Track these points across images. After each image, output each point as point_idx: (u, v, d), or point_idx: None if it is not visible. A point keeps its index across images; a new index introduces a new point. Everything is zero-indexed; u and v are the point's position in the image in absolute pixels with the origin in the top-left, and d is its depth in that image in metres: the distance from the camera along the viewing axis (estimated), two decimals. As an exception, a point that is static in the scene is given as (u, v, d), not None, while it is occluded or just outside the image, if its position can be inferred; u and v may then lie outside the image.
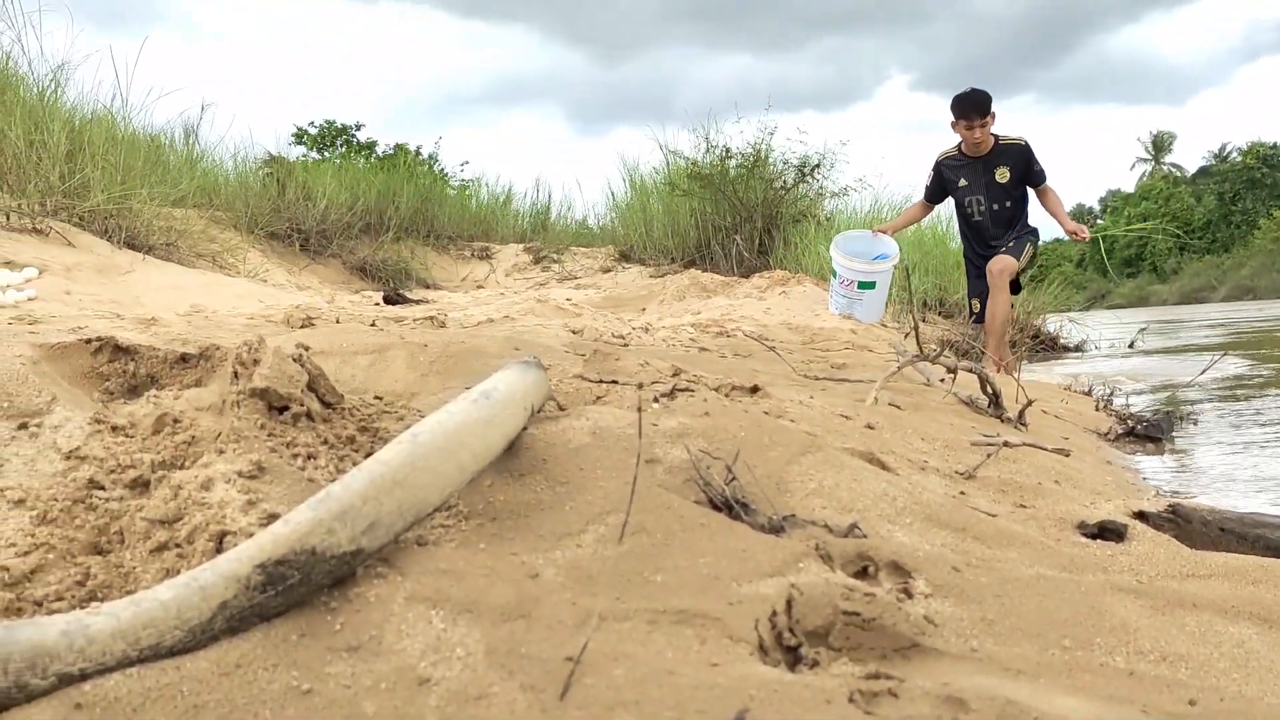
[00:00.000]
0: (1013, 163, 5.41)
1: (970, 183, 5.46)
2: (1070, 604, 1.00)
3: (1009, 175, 5.40)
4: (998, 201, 5.45)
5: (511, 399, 1.19)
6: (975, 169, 5.44)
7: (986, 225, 5.48)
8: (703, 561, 0.99)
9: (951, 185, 5.55)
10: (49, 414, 1.15)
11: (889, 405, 2.08)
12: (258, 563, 0.88)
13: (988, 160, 5.41)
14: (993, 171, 5.41)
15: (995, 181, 5.41)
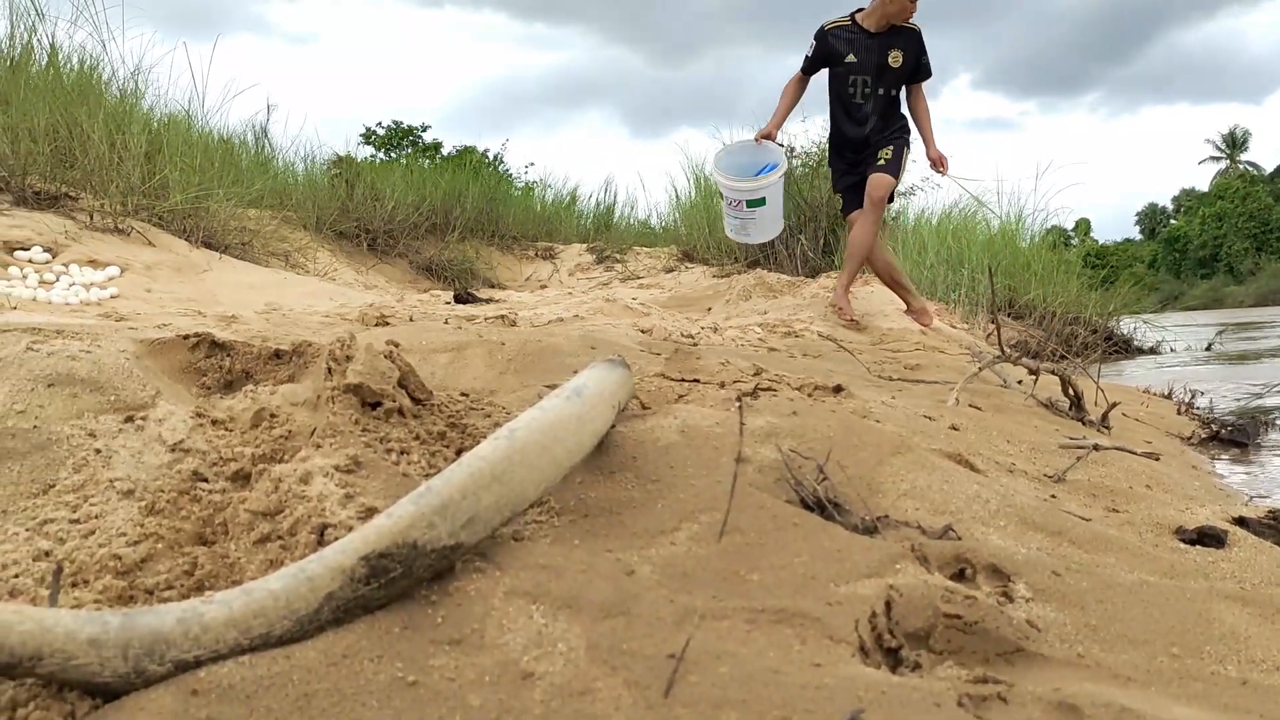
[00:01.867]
0: (907, 47, 4.98)
1: (860, 60, 4.98)
2: (1175, 611, 0.98)
3: (901, 60, 4.97)
4: (884, 86, 5.01)
5: (601, 396, 1.19)
6: (870, 46, 4.95)
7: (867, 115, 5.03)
8: (798, 561, 0.98)
9: (836, 59, 5.03)
10: (153, 408, 1.17)
11: (970, 407, 2.05)
12: (362, 555, 0.90)
13: (884, 39, 4.94)
14: (887, 52, 4.95)
15: (887, 65, 4.96)
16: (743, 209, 5.25)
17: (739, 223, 5.37)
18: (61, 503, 1.02)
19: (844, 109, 5.09)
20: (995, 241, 8.24)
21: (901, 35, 4.94)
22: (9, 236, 4.46)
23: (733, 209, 5.30)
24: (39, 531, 0.98)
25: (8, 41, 5.90)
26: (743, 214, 5.30)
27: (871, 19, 4.93)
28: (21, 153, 5.00)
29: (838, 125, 5.18)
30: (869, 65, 4.97)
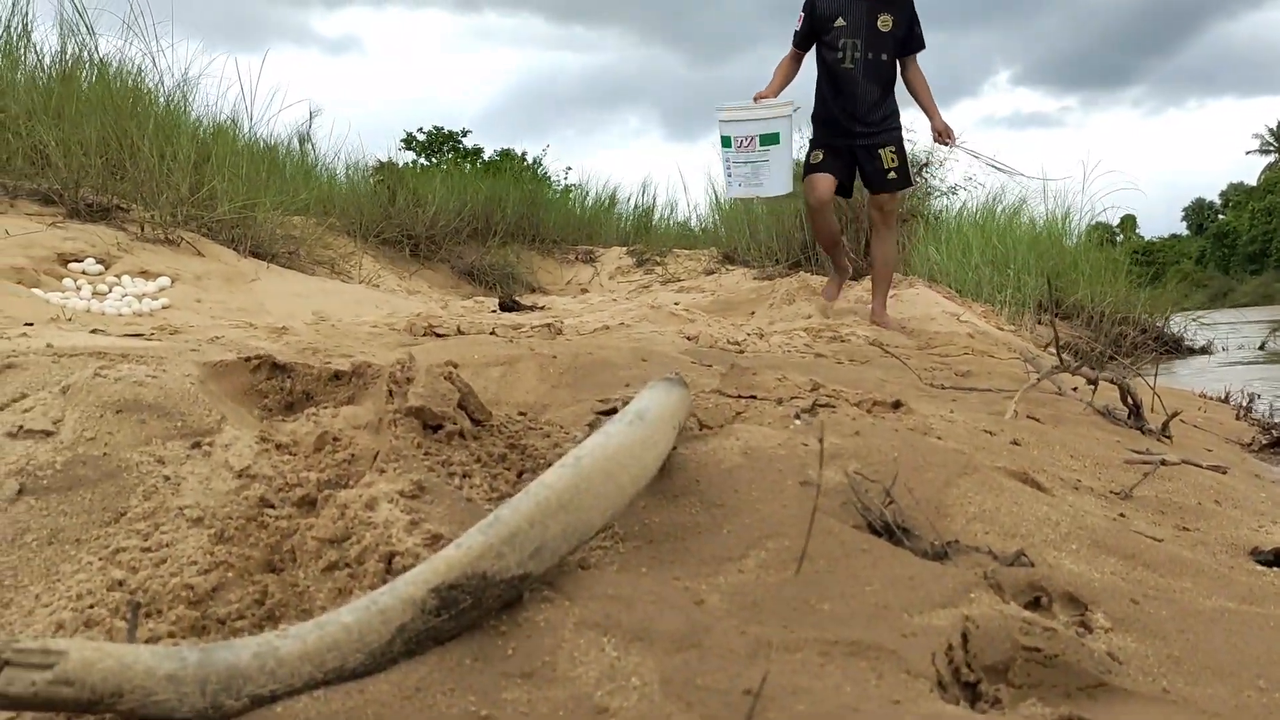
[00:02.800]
0: (898, 13, 4.71)
1: (849, 23, 4.70)
2: (1260, 640, 0.95)
3: (891, 24, 4.70)
4: (874, 51, 4.71)
5: (663, 419, 1.18)
6: (858, 7, 4.69)
7: (856, 80, 4.71)
8: (869, 590, 0.97)
9: (824, 24, 4.75)
10: (219, 433, 1.18)
11: (1029, 418, 2.02)
12: (432, 586, 0.90)
13: (874, 2, 4.68)
14: (876, 15, 4.68)
15: (877, 29, 4.69)
16: (754, 148, 4.80)
17: (749, 169, 4.85)
18: (133, 531, 1.03)
19: (832, 81, 4.80)
20: (1041, 240, 8.13)
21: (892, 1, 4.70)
22: (63, 249, 4.54)
23: (741, 151, 4.81)
24: (112, 560, 0.99)
25: (59, 55, 6.00)
26: (754, 155, 4.82)
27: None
28: (74, 166, 5.08)
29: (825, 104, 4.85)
30: (858, 27, 4.70)
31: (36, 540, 1.01)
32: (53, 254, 4.44)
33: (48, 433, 1.13)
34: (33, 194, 5.02)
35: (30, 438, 1.12)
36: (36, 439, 1.12)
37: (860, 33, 4.69)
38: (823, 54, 4.81)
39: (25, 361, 1.33)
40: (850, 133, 4.76)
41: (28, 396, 1.20)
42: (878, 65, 4.74)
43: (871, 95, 4.75)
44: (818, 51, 4.83)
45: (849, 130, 4.76)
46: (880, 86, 4.77)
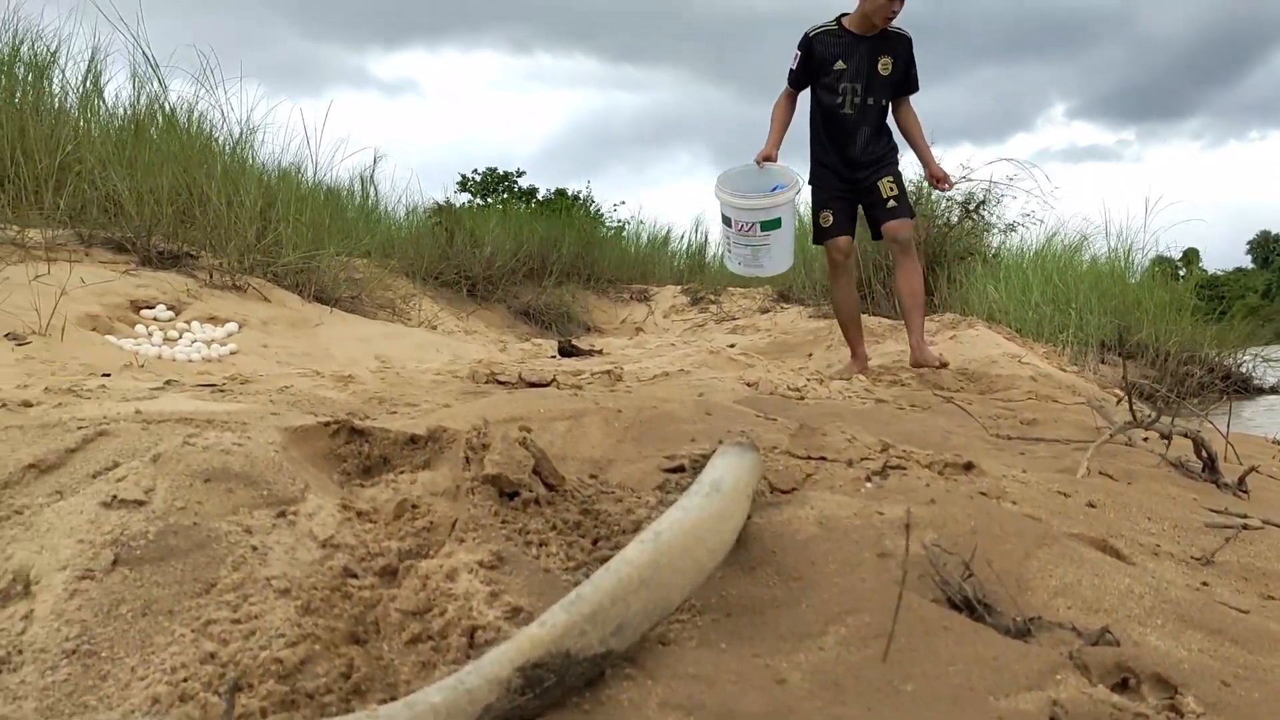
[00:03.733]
0: (897, 54, 4.61)
1: (850, 67, 4.59)
2: (1359, 726, 0.93)
3: (890, 67, 4.61)
4: (873, 96, 4.63)
5: (738, 489, 1.19)
6: (859, 51, 4.58)
7: (854, 126, 4.64)
8: (953, 670, 0.96)
9: (824, 66, 4.62)
10: (303, 501, 1.21)
11: (1100, 474, 1.99)
12: (517, 665, 0.91)
13: (874, 43, 4.57)
14: (877, 58, 4.58)
15: (878, 72, 4.59)
16: (755, 234, 4.63)
17: (749, 252, 4.70)
18: (223, 602, 1.05)
19: (829, 124, 4.72)
20: (1103, 278, 8.02)
21: (890, 41, 4.61)
22: (136, 296, 4.67)
23: (742, 235, 4.66)
24: (204, 632, 1.01)
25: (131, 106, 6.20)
26: (754, 240, 4.66)
27: (856, 21, 4.60)
28: (146, 214, 5.23)
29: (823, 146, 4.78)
30: (859, 72, 4.60)
31: (131, 611, 1.04)
32: (126, 301, 4.57)
33: (140, 502, 1.16)
34: (107, 242, 5.17)
35: (124, 507, 1.15)
36: (130, 508, 1.15)
37: (860, 78, 4.62)
38: (820, 96, 4.74)
39: (117, 429, 1.37)
40: (852, 180, 4.73)
41: (120, 465, 1.23)
42: (876, 110, 4.69)
43: (868, 138, 4.71)
44: (814, 93, 4.77)
45: (851, 179, 4.73)
46: (876, 129, 4.74)
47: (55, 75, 5.96)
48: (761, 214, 4.58)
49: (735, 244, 4.74)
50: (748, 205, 4.59)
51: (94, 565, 1.08)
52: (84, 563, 1.08)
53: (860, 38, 4.58)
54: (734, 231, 4.68)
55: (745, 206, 4.59)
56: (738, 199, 4.61)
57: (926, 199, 9.74)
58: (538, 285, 10.58)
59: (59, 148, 5.35)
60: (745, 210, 4.59)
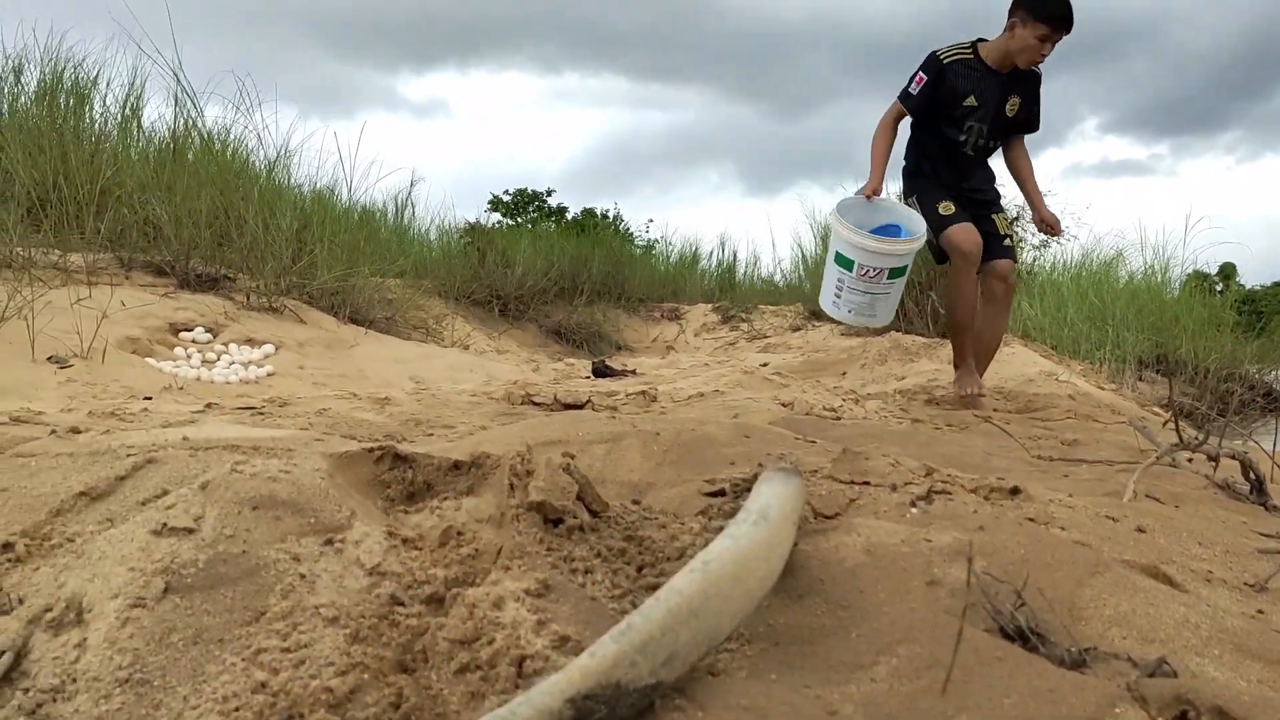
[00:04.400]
0: (1027, 94, 4.19)
1: (981, 105, 4.14)
2: None
3: (1017, 108, 4.21)
4: (994, 139, 4.28)
5: (785, 517, 1.18)
6: (992, 88, 4.12)
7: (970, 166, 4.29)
8: (1008, 702, 0.95)
9: (953, 100, 4.14)
10: (350, 529, 1.21)
11: (1147, 497, 1.97)
12: (568, 697, 0.90)
13: (1008, 80, 4.13)
14: (1007, 97, 4.16)
15: (1004, 112, 4.20)
16: (880, 281, 4.06)
17: (867, 300, 4.10)
18: (272, 631, 1.06)
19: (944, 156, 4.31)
20: (1140, 294, 7.94)
21: (1024, 81, 4.19)
22: (175, 318, 4.72)
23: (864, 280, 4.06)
24: (254, 661, 1.02)
25: (170, 131, 6.30)
26: (877, 287, 4.09)
27: (995, 54, 4.14)
28: (185, 238, 5.31)
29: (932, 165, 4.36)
30: (988, 112, 4.18)
31: (182, 640, 1.04)
32: (165, 324, 4.63)
33: (189, 530, 1.17)
34: (146, 266, 5.25)
35: (174, 535, 1.16)
36: (180, 536, 1.16)
37: (988, 119, 4.24)
38: (941, 129, 4.30)
39: (165, 456, 1.38)
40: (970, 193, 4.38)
41: (169, 493, 1.24)
42: (988, 152, 4.40)
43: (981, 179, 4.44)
44: (932, 123, 4.32)
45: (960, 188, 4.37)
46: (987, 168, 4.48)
47: (96, 101, 6.06)
48: (895, 260, 4.07)
49: (850, 289, 4.11)
50: (886, 249, 4.03)
51: (145, 593, 1.09)
52: (135, 591, 1.09)
53: (994, 73, 4.16)
54: (853, 275, 4.08)
55: (883, 250, 4.02)
56: (872, 241, 4.06)
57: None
58: (569, 304, 10.62)
59: (99, 173, 5.44)
60: (879, 254, 4.03)
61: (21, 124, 5.61)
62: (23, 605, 1.12)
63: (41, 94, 5.87)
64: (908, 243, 4.10)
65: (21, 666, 1.04)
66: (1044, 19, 3.92)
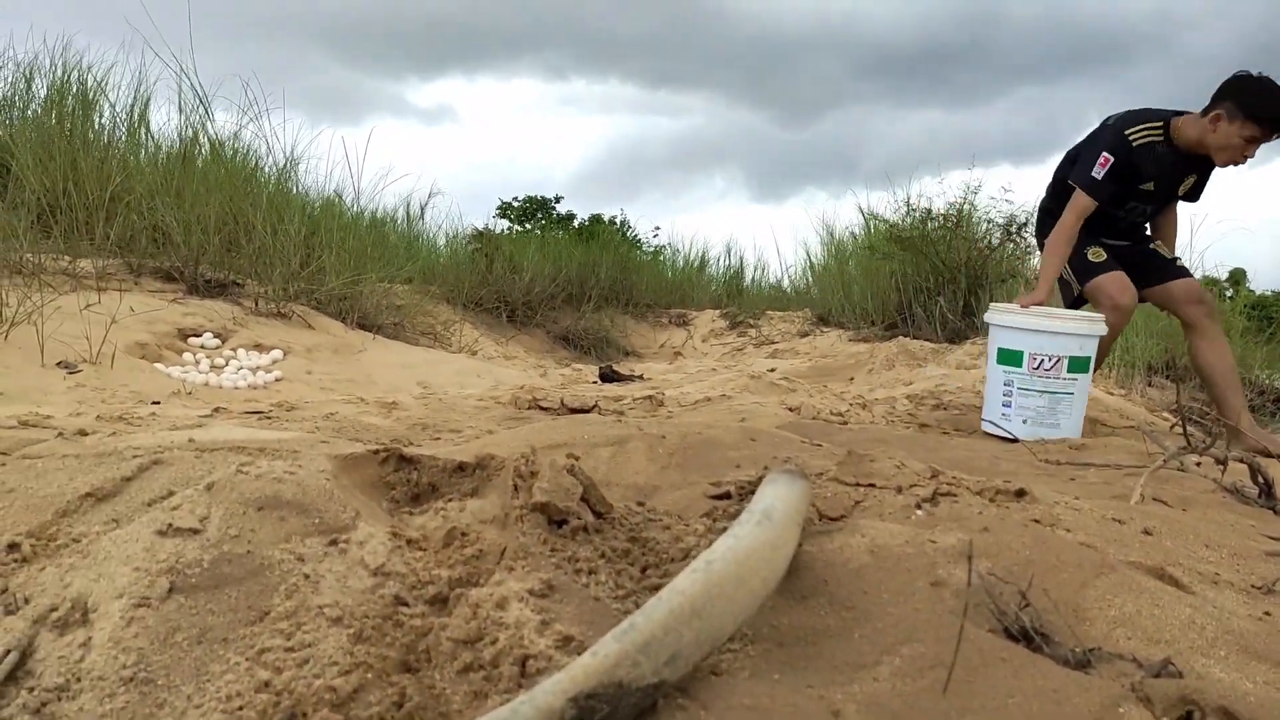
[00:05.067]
0: (1204, 173, 3.80)
1: (1159, 187, 3.76)
2: None
3: (1189, 187, 3.82)
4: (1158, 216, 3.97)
5: (789, 517, 1.18)
6: (1174, 170, 3.72)
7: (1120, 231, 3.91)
8: (1012, 703, 0.94)
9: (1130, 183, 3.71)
10: (354, 529, 1.22)
11: (1155, 500, 1.96)
12: (570, 696, 0.90)
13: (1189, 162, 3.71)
14: (1185, 176, 3.77)
15: (1175, 192, 3.84)
16: (1060, 374, 3.37)
17: (1044, 402, 3.39)
18: (276, 630, 1.06)
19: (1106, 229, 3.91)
20: (1147, 300, 7.90)
21: (1205, 160, 3.73)
22: (183, 324, 4.74)
23: (1039, 375, 3.39)
24: (258, 661, 1.02)
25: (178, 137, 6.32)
26: (1056, 383, 3.38)
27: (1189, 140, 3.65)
28: (193, 244, 5.32)
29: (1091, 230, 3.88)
30: (1163, 192, 3.79)
31: (186, 639, 1.05)
32: (174, 329, 4.64)
33: (195, 530, 1.17)
34: (155, 271, 5.26)
35: (179, 535, 1.16)
36: (185, 537, 1.16)
37: (1157, 199, 3.86)
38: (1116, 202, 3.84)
39: (171, 457, 1.39)
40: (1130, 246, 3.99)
41: (175, 494, 1.25)
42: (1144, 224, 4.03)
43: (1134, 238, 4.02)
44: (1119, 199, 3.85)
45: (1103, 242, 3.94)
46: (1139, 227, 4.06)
47: (104, 107, 6.09)
48: (1076, 344, 3.40)
49: (1021, 391, 3.44)
50: (1062, 327, 3.39)
51: (150, 593, 1.09)
52: (140, 590, 1.10)
53: (1183, 156, 3.71)
54: (1024, 372, 3.42)
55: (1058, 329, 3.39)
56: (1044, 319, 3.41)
57: (966, 221, 9.69)
58: (576, 310, 10.63)
59: (109, 179, 5.46)
60: (1054, 334, 3.39)
61: (32, 131, 5.64)
62: (28, 605, 1.13)
63: (50, 101, 5.90)
64: (1089, 318, 3.50)
65: (27, 666, 1.04)
66: (1257, 119, 3.47)
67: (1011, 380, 3.46)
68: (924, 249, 9.57)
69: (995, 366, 3.54)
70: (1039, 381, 3.41)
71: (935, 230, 9.68)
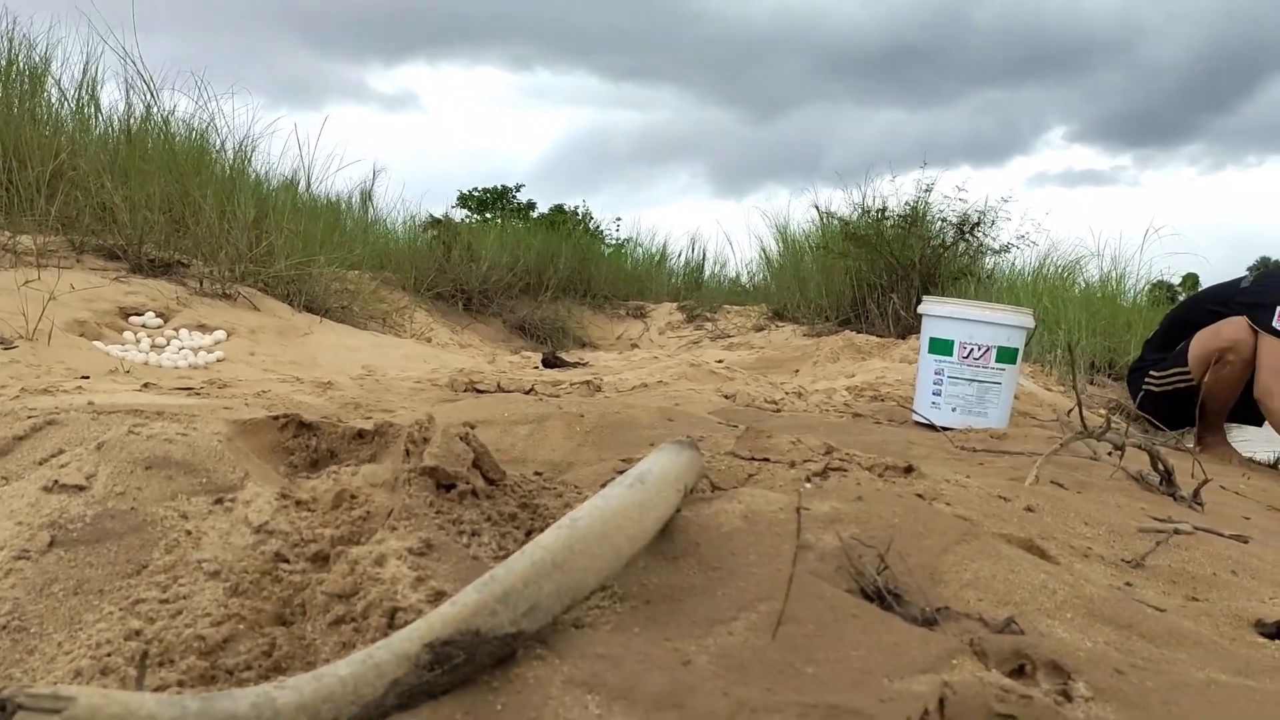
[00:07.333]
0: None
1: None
2: (1244, 714, 0.96)
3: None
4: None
5: (665, 482, 1.22)
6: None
7: None
8: (855, 655, 0.99)
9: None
10: (242, 489, 1.24)
11: (1051, 484, 2.02)
12: (426, 642, 0.94)
13: None
14: None
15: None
16: (988, 363, 3.51)
17: (973, 391, 3.53)
18: (153, 583, 1.08)
19: None
20: (1093, 300, 8.06)
21: None
22: (125, 303, 4.71)
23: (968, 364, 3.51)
24: (131, 611, 1.04)
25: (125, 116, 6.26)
26: (984, 373, 3.52)
27: None
28: (138, 223, 5.28)
29: None
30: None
31: (63, 590, 1.07)
32: (115, 308, 4.61)
33: (80, 487, 1.19)
34: (98, 250, 5.22)
35: (64, 492, 1.18)
36: (70, 493, 1.18)
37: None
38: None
39: (66, 418, 1.40)
40: None
41: (65, 452, 1.27)
42: None
43: None
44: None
45: None
46: None
47: (50, 83, 6.02)
48: (1005, 334, 3.52)
49: (952, 379, 3.56)
50: (991, 319, 3.53)
51: (30, 546, 1.11)
52: (20, 543, 1.11)
53: None
54: (954, 360, 3.55)
55: (988, 319, 3.53)
56: (974, 308, 3.59)
57: (921, 220, 9.81)
58: (534, 300, 10.64)
59: (53, 155, 5.40)
60: (983, 324, 3.52)
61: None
62: (-90, 557, 1.14)
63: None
64: (1018, 310, 3.63)
65: (-97, 614, 1.06)
66: None
67: (942, 369, 3.58)
68: (879, 246, 9.68)
69: (927, 357, 3.66)
70: (968, 370, 3.53)
71: (890, 228, 9.79)
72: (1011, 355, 3.54)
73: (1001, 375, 3.52)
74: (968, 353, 3.51)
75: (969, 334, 3.52)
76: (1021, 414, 4.22)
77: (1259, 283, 4.05)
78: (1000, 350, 3.51)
